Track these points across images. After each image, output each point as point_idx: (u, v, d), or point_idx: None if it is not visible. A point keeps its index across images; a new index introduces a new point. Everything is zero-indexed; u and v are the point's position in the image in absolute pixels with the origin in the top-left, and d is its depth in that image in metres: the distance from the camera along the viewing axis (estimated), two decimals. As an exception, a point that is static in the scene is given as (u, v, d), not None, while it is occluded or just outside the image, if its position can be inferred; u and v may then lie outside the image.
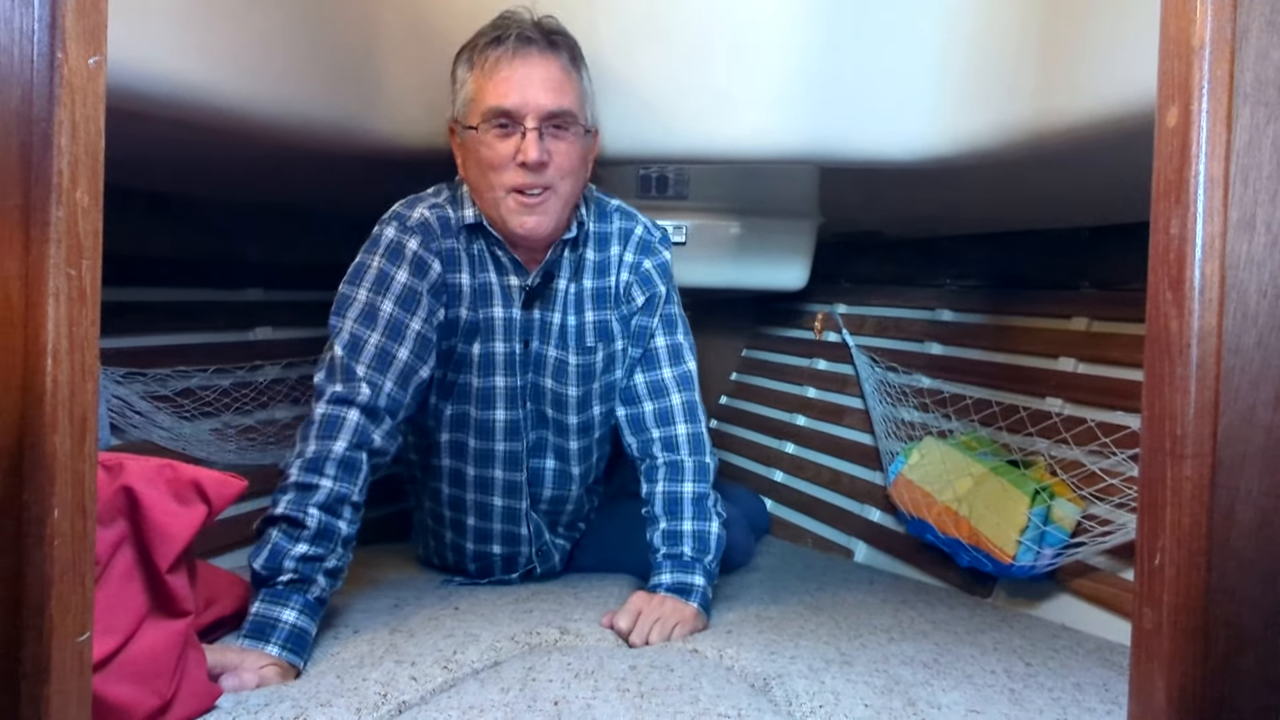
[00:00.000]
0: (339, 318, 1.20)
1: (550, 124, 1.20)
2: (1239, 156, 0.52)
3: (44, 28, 0.56)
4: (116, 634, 0.79)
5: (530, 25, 1.22)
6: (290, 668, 0.99)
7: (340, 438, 1.11)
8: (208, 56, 1.07)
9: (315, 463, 1.09)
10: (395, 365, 1.19)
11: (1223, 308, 0.52)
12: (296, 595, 1.03)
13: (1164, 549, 0.53)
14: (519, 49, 1.19)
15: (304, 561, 1.04)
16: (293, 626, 1.00)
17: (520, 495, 1.38)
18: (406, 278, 1.22)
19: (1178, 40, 0.53)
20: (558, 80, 1.20)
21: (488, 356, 1.31)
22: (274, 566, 1.03)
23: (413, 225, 1.25)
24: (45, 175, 0.56)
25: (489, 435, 1.34)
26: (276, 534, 1.05)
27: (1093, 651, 1.20)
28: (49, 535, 0.56)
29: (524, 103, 1.18)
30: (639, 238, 1.36)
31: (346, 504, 1.09)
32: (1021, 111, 1.13)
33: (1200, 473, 0.52)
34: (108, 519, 0.80)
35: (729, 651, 1.10)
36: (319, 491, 1.07)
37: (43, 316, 0.55)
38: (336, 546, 1.07)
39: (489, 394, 1.32)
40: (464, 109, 1.24)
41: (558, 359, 1.34)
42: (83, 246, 0.58)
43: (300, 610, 1.02)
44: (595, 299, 1.35)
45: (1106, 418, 1.41)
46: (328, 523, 1.06)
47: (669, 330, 1.38)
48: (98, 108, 0.59)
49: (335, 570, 1.08)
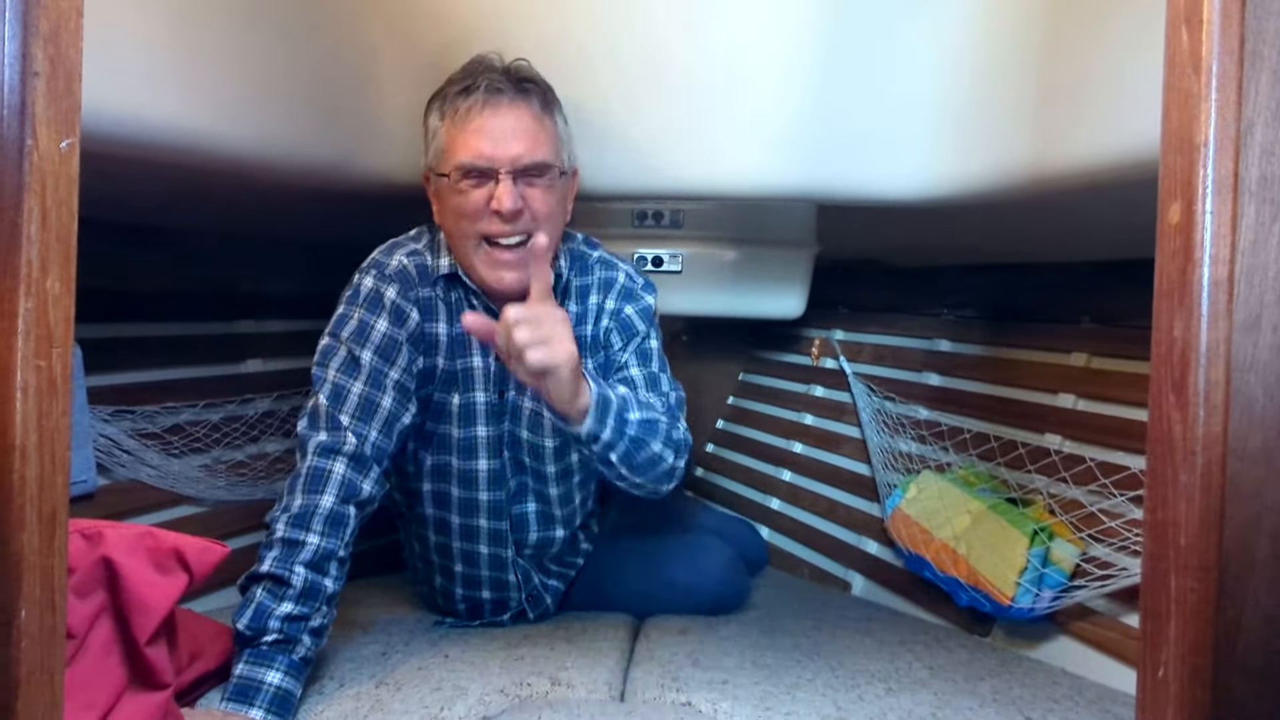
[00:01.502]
0: (321, 369, 1.20)
1: (524, 173, 1.18)
2: (1244, 256, 0.51)
3: (13, 114, 0.54)
4: (94, 710, 0.77)
5: (499, 74, 1.19)
6: None
7: (327, 492, 1.10)
8: (199, 98, 1.06)
9: (302, 518, 1.07)
10: (379, 413, 1.18)
11: (1228, 413, 0.50)
12: (281, 656, 1.01)
13: (1167, 662, 0.51)
14: (489, 99, 1.17)
15: (289, 621, 1.02)
16: (277, 689, 0.99)
17: (505, 543, 1.37)
18: (386, 326, 1.21)
19: (1180, 135, 0.51)
20: (529, 130, 1.18)
21: (468, 406, 1.30)
22: (258, 627, 1.01)
23: (391, 274, 1.24)
24: (13, 266, 0.54)
25: (472, 485, 1.33)
26: (261, 592, 1.03)
27: (1094, 701, 1.18)
28: (16, 637, 0.54)
29: (495, 155, 1.16)
30: (621, 285, 1.34)
31: (333, 560, 1.08)
32: (1020, 156, 1.11)
33: (1205, 584, 0.50)
34: (86, 590, 0.79)
35: (724, 706, 1.09)
36: (305, 549, 1.05)
37: (10, 413, 0.54)
38: (321, 605, 1.06)
39: (471, 444, 1.31)
40: (437, 158, 1.22)
41: (533, 410, 1.33)
42: (53, 336, 0.56)
43: (285, 671, 1.00)
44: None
45: (1106, 457, 1.40)
46: (314, 581, 1.05)
47: (643, 362, 1.32)
48: (70, 191, 0.57)
49: (320, 629, 1.06)
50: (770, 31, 1.25)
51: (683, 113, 1.31)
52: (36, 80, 0.55)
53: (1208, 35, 0.51)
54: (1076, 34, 1.02)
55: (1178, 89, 0.52)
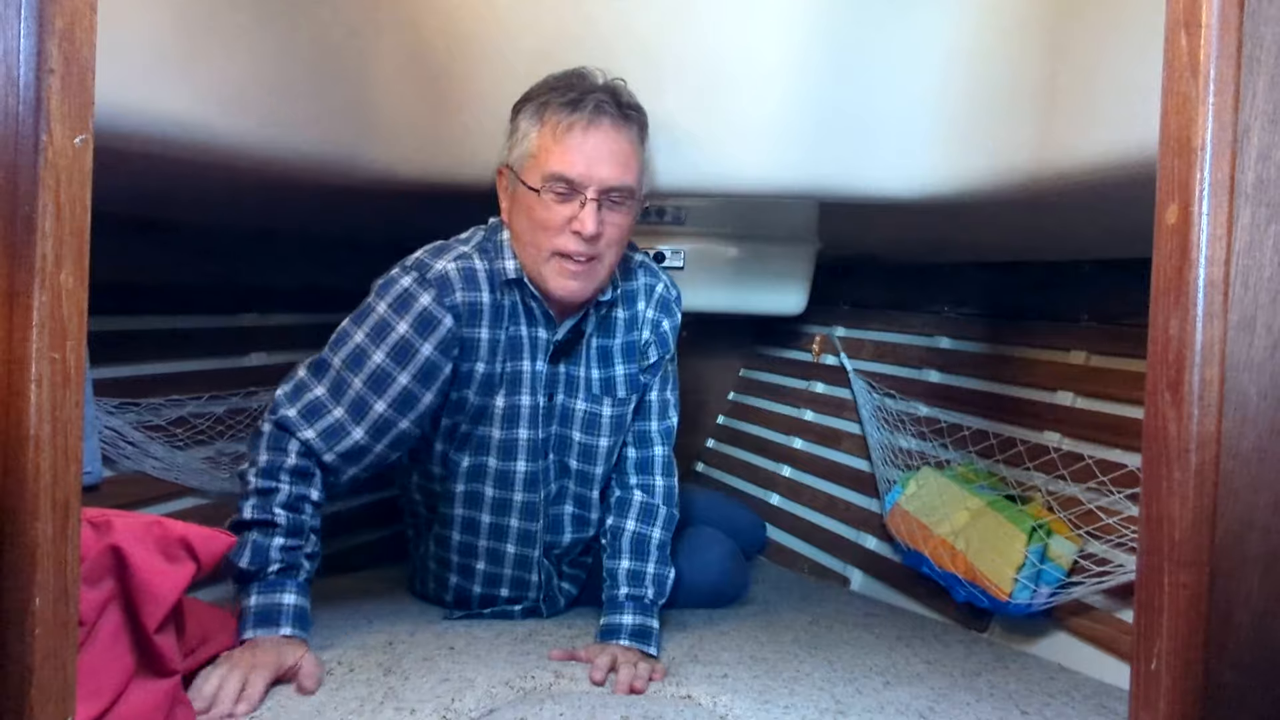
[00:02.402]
0: (331, 353, 1.22)
1: (609, 196, 1.19)
2: (1239, 258, 0.52)
3: (28, 110, 0.55)
4: (103, 697, 0.78)
5: (607, 95, 1.19)
6: (301, 642, 1.07)
7: (290, 452, 1.17)
8: (204, 91, 1.06)
9: (270, 470, 1.15)
10: (369, 416, 1.20)
11: (1222, 412, 0.51)
12: (289, 580, 1.10)
13: (1160, 654, 0.52)
14: (594, 120, 1.17)
15: (286, 551, 1.11)
16: (295, 606, 1.09)
17: (534, 543, 1.38)
18: (406, 330, 1.20)
19: (1178, 138, 0.52)
20: (626, 155, 1.19)
21: (513, 409, 1.31)
22: (261, 561, 1.10)
23: (432, 278, 1.21)
24: (28, 260, 0.55)
25: (508, 485, 1.34)
26: (253, 535, 1.11)
27: (1090, 697, 1.19)
28: (30, 625, 0.55)
29: (589, 175, 1.17)
30: (660, 295, 1.40)
31: (306, 501, 1.16)
32: (1022, 154, 1.12)
33: (1198, 579, 0.51)
34: (95, 578, 0.80)
35: (723, 699, 1.10)
36: (279, 493, 1.13)
37: (24, 403, 0.55)
38: (308, 535, 1.15)
39: (511, 446, 1.32)
40: (523, 163, 1.21)
41: (588, 411, 1.35)
42: (67, 329, 0.57)
43: (296, 593, 1.10)
44: (625, 353, 1.38)
45: (1105, 454, 1.41)
46: (294, 518, 1.13)
47: (663, 386, 1.43)
48: (84, 186, 0.58)
49: (313, 554, 1.16)
50: (772, 27, 1.26)
51: (684, 110, 1.32)
52: (51, 77, 0.56)
53: (1206, 40, 0.51)
54: (1078, 32, 1.03)
55: (1176, 92, 0.52)
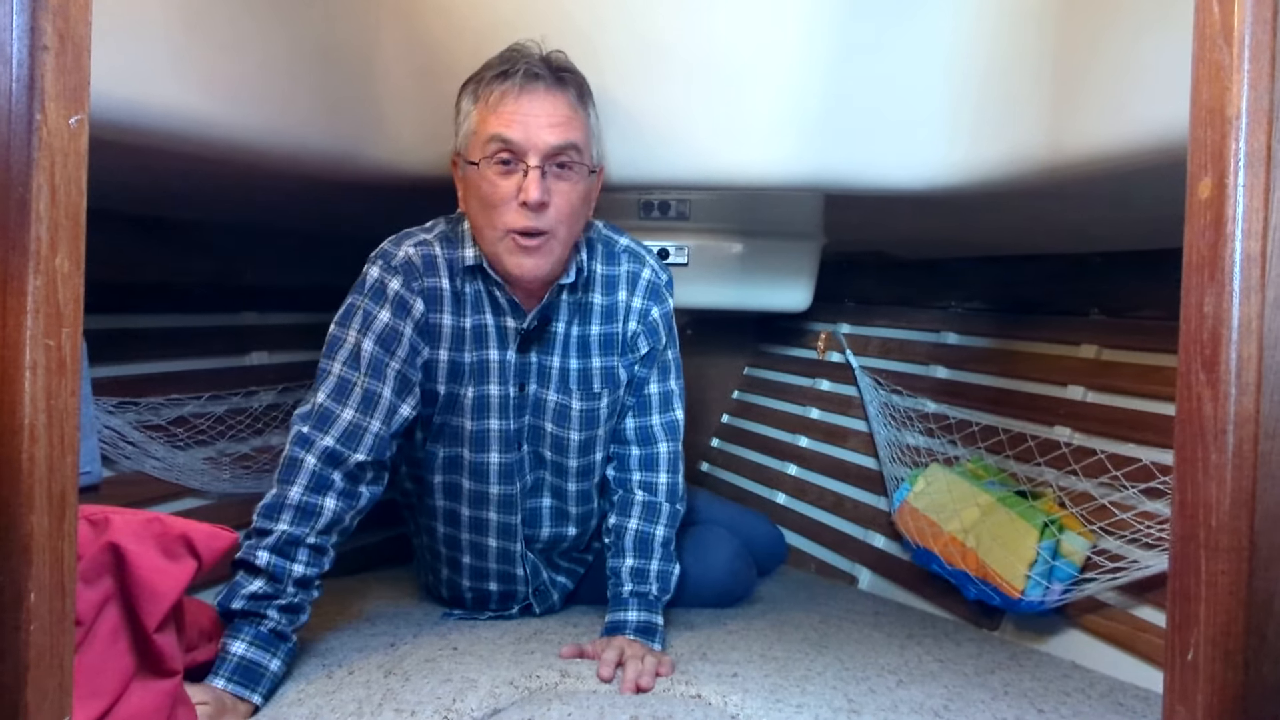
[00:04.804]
0: (328, 360, 1.20)
1: (553, 162, 1.17)
2: (1276, 231, 0.50)
3: (22, 88, 0.53)
4: (103, 697, 0.76)
5: (538, 60, 1.19)
6: (238, 700, 0.98)
7: (296, 483, 1.11)
8: (205, 85, 1.05)
9: (271, 509, 1.10)
10: (379, 405, 1.18)
11: (1260, 390, 0.49)
12: (247, 628, 1.03)
13: (1197, 645, 0.50)
14: (525, 84, 1.16)
15: (253, 599, 1.05)
16: (240, 658, 1.00)
17: (515, 537, 1.36)
18: (389, 317, 1.21)
19: (1211, 108, 0.50)
20: (564, 116, 1.17)
21: (481, 399, 1.29)
22: (226, 604, 1.05)
23: (396, 264, 1.23)
24: (22, 243, 0.53)
25: (483, 478, 1.32)
26: (238, 576, 1.07)
27: (1106, 694, 1.17)
28: (25, 620, 0.53)
29: (526, 138, 1.15)
30: (647, 281, 1.34)
31: (299, 546, 1.09)
32: (1033, 143, 1.10)
33: (1237, 566, 0.49)
34: (93, 577, 0.78)
35: (734, 698, 1.08)
36: (270, 536, 1.08)
37: (19, 392, 0.53)
38: (288, 586, 1.07)
39: (483, 437, 1.30)
40: (465, 141, 1.21)
41: (559, 403, 1.32)
42: (62, 315, 0.55)
43: (250, 642, 1.02)
44: (602, 344, 1.33)
45: (1117, 449, 1.39)
46: (278, 564, 1.07)
47: (663, 377, 1.38)
48: (80, 168, 0.56)
49: (291, 607, 1.08)
50: (778, 18, 1.24)
51: (688, 100, 1.30)
52: (45, 55, 0.54)
53: (1239, 6, 0.50)
54: (1090, 18, 1.01)
55: (1208, 61, 0.51)
